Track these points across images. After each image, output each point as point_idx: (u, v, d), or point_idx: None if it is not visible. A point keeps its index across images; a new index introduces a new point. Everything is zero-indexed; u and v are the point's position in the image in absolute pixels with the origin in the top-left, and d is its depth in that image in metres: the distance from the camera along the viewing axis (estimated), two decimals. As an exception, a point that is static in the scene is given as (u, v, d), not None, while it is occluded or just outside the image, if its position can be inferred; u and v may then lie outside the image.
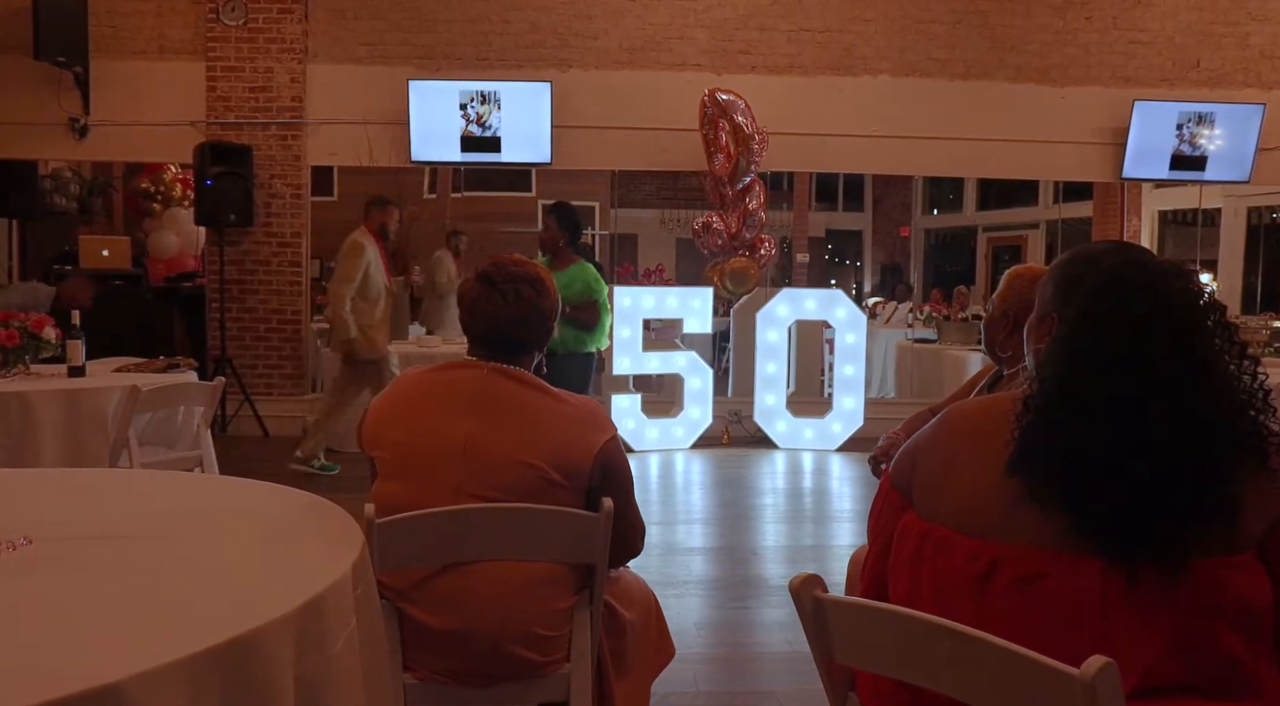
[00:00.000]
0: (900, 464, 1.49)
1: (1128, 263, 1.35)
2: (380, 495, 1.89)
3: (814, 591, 1.34)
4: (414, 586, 1.81)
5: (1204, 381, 1.27)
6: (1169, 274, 1.33)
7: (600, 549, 1.82)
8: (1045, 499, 1.26)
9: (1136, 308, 1.29)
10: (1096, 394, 1.28)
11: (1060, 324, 1.37)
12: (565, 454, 1.87)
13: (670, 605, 3.83)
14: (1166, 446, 1.24)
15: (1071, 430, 1.28)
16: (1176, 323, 1.29)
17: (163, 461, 4.18)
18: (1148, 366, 1.26)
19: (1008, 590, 1.27)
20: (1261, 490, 1.27)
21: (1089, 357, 1.30)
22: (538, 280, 1.99)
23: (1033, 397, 1.33)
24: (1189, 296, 1.32)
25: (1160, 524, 1.22)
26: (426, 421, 1.89)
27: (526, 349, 2.00)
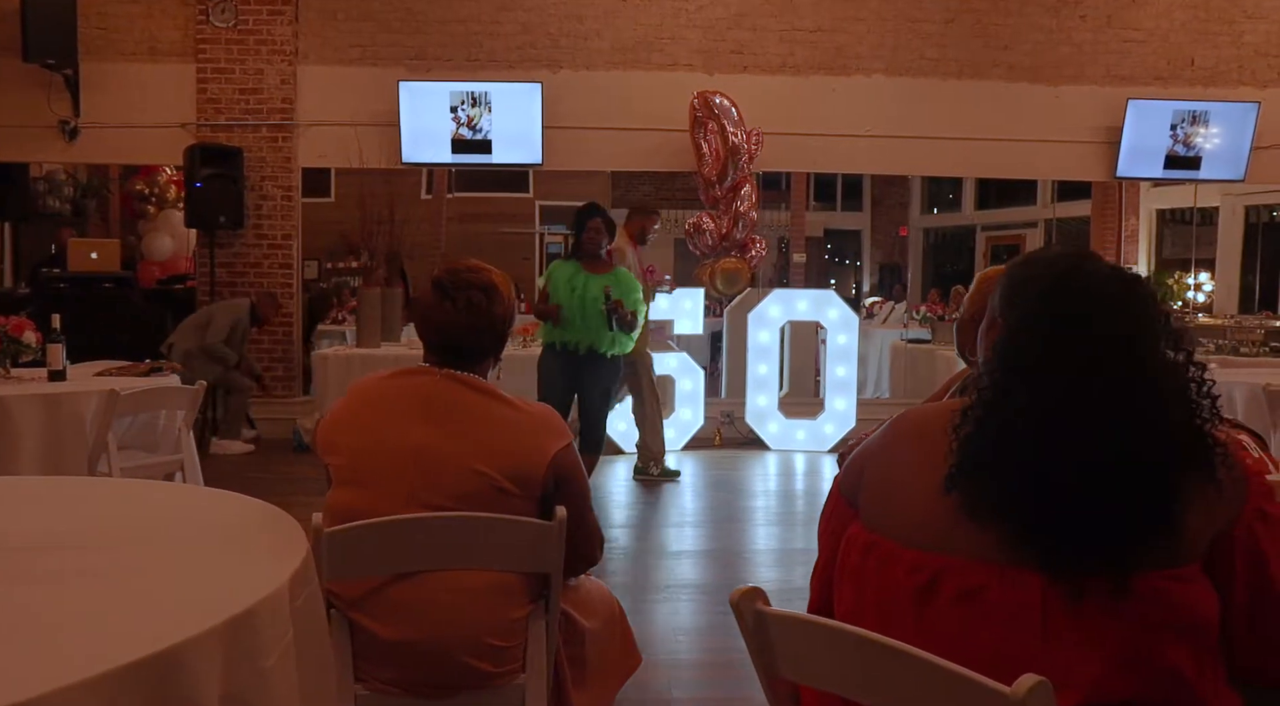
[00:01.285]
0: (849, 471, 1.47)
1: (1072, 267, 1.32)
2: (334, 503, 1.87)
3: (755, 604, 1.31)
4: (365, 596, 1.79)
5: (1148, 391, 1.24)
6: (1114, 279, 1.30)
7: (554, 557, 1.80)
8: (983, 512, 1.24)
9: (1077, 314, 1.26)
10: (1036, 404, 1.25)
11: (1003, 330, 1.34)
12: (517, 462, 1.84)
13: (655, 610, 3.82)
14: (1109, 458, 1.21)
15: (1010, 441, 1.25)
16: (1120, 330, 1.26)
17: (143, 466, 4.16)
18: (1089, 375, 1.23)
19: (949, 604, 1.24)
20: (1208, 502, 1.24)
21: (1029, 366, 1.28)
22: (491, 288, 1.96)
23: (972, 407, 1.30)
24: (1134, 302, 1.29)
25: (1102, 537, 1.19)
26: (379, 428, 1.87)
27: (480, 356, 1.98)
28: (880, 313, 12.62)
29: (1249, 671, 1.30)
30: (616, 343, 5.14)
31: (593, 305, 5.02)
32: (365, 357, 6.89)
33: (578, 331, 5.07)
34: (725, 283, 6.96)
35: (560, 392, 5.19)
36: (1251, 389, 4.58)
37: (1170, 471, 1.22)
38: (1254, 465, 1.33)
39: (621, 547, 4.80)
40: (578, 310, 5.05)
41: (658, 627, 3.64)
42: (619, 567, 4.46)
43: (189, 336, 6.73)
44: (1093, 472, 1.20)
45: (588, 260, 5.20)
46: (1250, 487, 1.28)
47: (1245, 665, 1.30)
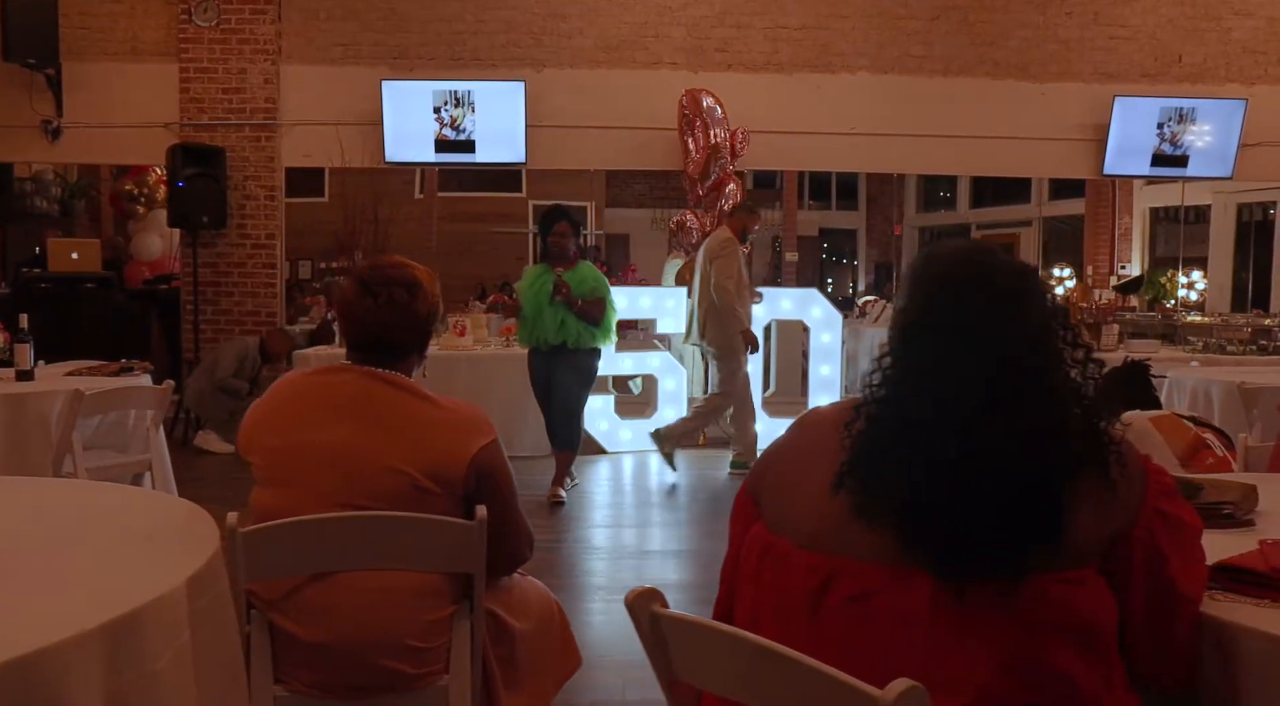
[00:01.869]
0: (755, 470, 1.44)
1: (966, 260, 1.29)
2: (257, 503, 1.85)
3: (651, 606, 1.29)
4: (284, 597, 1.77)
5: (1039, 389, 1.21)
6: (1008, 273, 1.27)
7: (476, 557, 1.77)
8: (871, 513, 1.21)
9: (968, 309, 1.23)
10: (924, 401, 1.22)
11: (897, 325, 1.32)
12: (438, 460, 1.82)
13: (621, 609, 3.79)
14: (996, 458, 1.18)
15: (898, 440, 1.22)
16: (1011, 326, 1.23)
17: (111, 466, 4.14)
18: (979, 372, 1.21)
19: (841, 607, 1.21)
20: (1101, 503, 1.21)
21: (918, 362, 1.25)
22: (414, 284, 1.94)
23: (862, 404, 1.28)
24: (1027, 298, 1.26)
25: (989, 539, 1.16)
26: (299, 427, 1.84)
27: (403, 353, 1.95)
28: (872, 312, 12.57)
29: (1150, 676, 1.28)
30: (580, 334, 5.29)
31: (548, 298, 5.25)
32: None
33: (544, 329, 5.31)
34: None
35: (541, 391, 5.55)
36: (1228, 387, 4.54)
37: (1059, 472, 1.19)
38: (1154, 464, 1.30)
39: (598, 547, 4.78)
40: (541, 307, 5.29)
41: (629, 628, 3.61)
42: (596, 567, 4.44)
43: (200, 379, 6.72)
44: (979, 473, 1.17)
45: (556, 261, 5.38)
46: (1149, 487, 1.25)
47: (1146, 669, 1.27)
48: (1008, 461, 1.17)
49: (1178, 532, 1.25)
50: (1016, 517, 1.16)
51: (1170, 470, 2.84)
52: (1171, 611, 1.24)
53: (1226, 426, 4.33)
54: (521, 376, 6.87)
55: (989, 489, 1.17)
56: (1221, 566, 1.37)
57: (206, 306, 7.54)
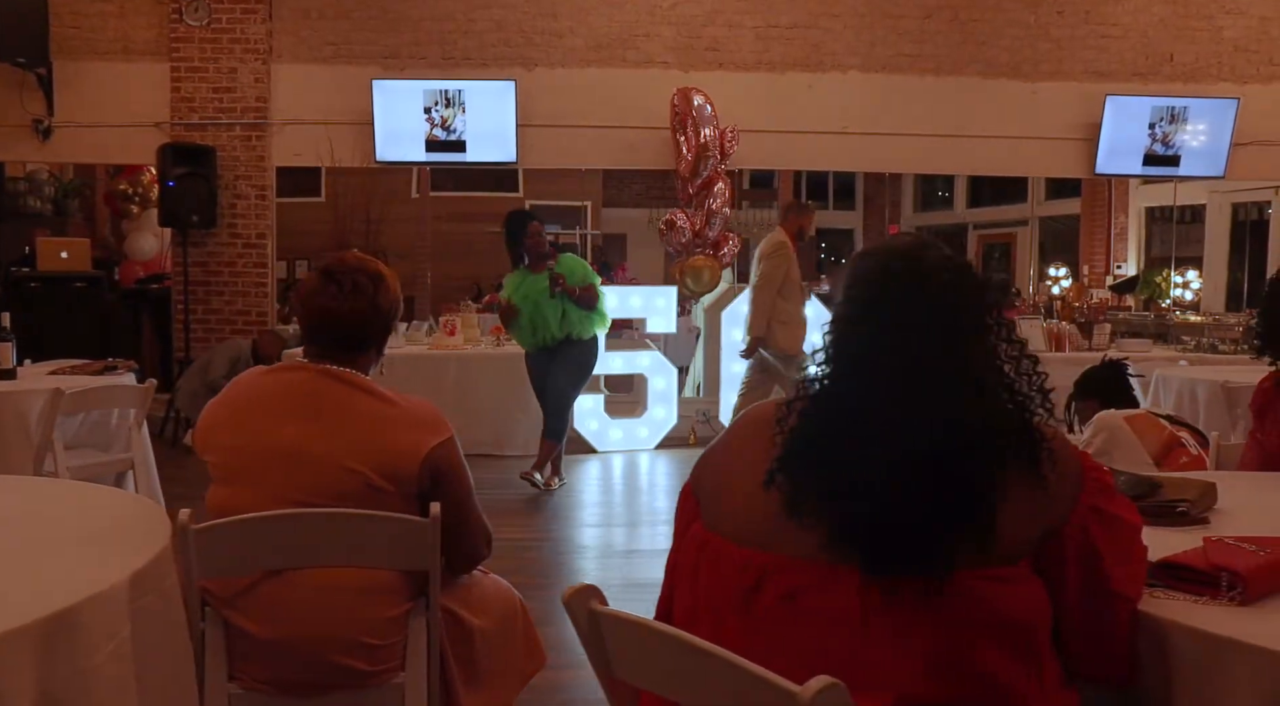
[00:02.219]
0: (696, 466, 1.44)
1: (900, 255, 1.28)
2: (213, 500, 1.85)
3: (589, 603, 1.29)
4: (238, 594, 1.76)
5: (968, 385, 1.21)
6: (941, 269, 1.26)
7: (431, 555, 1.77)
8: (801, 511, 1.21)
9: (899, 304, 1.23)
10: (853, 397, 1.22)
11: (833, 320, 1.31)
12: (390, 459, 1.81)
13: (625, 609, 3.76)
14: (923, 454, 1.17)
15: (827, 436, 1.22)
16: (942, 321, 1.22)
17: (93, 465, 4.14)
18: (909, 367, 1.20)
19: (773, 604, 1.21)
20: (1032, 499, 1.21)
21: (849, 358, 1.24)
22: (378, 276, 1.93)
23: (795, 400, 1.27)
24: (960, 293, 1.25)
25: (916, 536, 1.16)
26: (254, 425, 1.84)
27: (362, 347, 1.94)
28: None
29: (1087, 673, 1.27)
30: (582, 323, 5.41)
31: (543, 296, 5.34)
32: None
33: (547, 327, 5.41)
34: (694, 280, 6.93)
35: (542, 387, 5.66)
36: (1212, 386, 4.54)
37: (987, 468, 1.18)
38: (1091, 460, 1.30)
39: (585, 546, 4.78)
40: (532, 308, 5.38)
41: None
42: (583, 566, 4.44)
43: (192, 379, 6.72)
44: (906, 469, 1.17)
45: (535, 262, 5.46)
46: (1084, 485, 1.25)
47: (1082, 667, 1.27)
48: (934, 457, 1.17)
49: (1114, 530, 1.24)
50: (943, 514, 1.16)
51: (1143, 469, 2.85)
52: (1106, 609, 1.23)
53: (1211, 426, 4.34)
54: (512, 376, 6.88)
55: (915, 485, 1.16)
56: (1163, 564, 1.37)
57: (197, 306, 7.54)
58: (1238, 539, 1.41)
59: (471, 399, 6.85)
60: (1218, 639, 1.19)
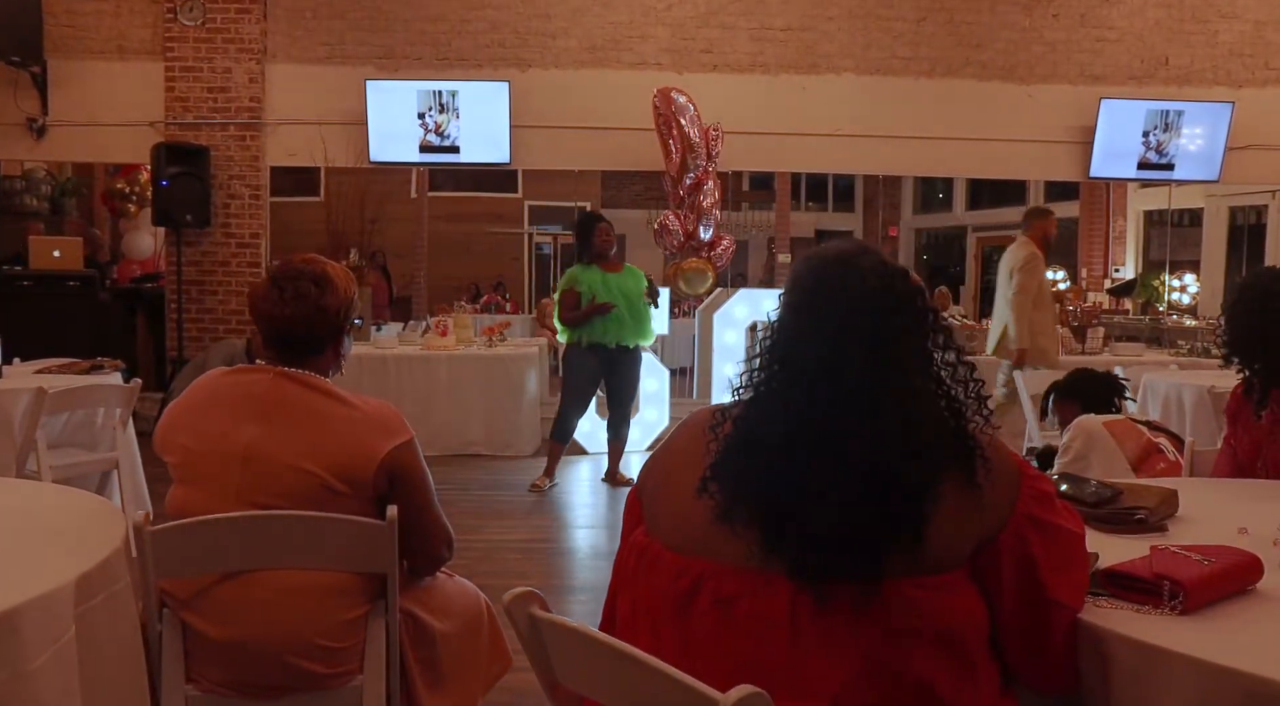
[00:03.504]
0: (643, 470, 1.44)
1: (833, 261, 1.27)
2: (171, 501, 1.85)
3: (529, 608, 1.29)
4: (195, 595, 1.77)
5: (900, 390, 1.20)
6: (875, 273, 1.25)
7: (388, 557, 1.77)
8: (732, 517, 1.20)
9: (831, 308, 1.22)
10: (785, 402, 1.21)
11: (768, 326, 1.31)
12: (347, 461, 1.81)
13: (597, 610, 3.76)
14: (851, 459, 1.17)
15: (757, 442, 1.22)
16: (872, 326, 1.22)
17: (76, 464, 4.15)
18: (839, 373, 1.20)
19: (707, 611, 1.21)
20: (966, 507, 1.20)
21: (782, 363, 1.24)
22: (323, 278, 1.93)
23: (730, 406, 1.27)
24: (893, 298, 1.25)
25: (844, 541, 1.15)
26: (212, 426, 1.84)
27: (314, 349, 1.94)
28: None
29: (1027, 681, 1.27)
30: (642, 333, 5.67)
31: (638, 300, 5.57)
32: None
33: (622, 328, 5.56)
34: (687, 282, 6.92)
35: (591, 388, 5.77)
36: (1198, 391, 4.53)
37: (918, 474, 1.18)
38: (1030, 468, 1.29)
39: (574, 549, 4.78)
40: (627, 305, 5.55)
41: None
42: (570, 567, 4.44)
43: (187, 379, 6.70)
44: (834, 474, 1.17)
45: (603, 261, 5.62)
46: (1021, 492, 1.24)
47: (1022, 675, 1.26)
48: (865, 464, 1.16)
49: (1052, 538, 1.24)
50: (873, 521, 1.15)
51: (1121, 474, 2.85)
52: (1043, 618, 1.23)
53: (1197, 432, 4.33)
54: (505, 377, 6.90)
55: (845, 492, 1.16)
56: (1109, 572, 1.36)
57: (191, 305, 7.54)
58: (1185, 548, 1.40)
59: (464, 400, 6.86)
60: (1154, 648, 1.19)
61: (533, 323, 13.07)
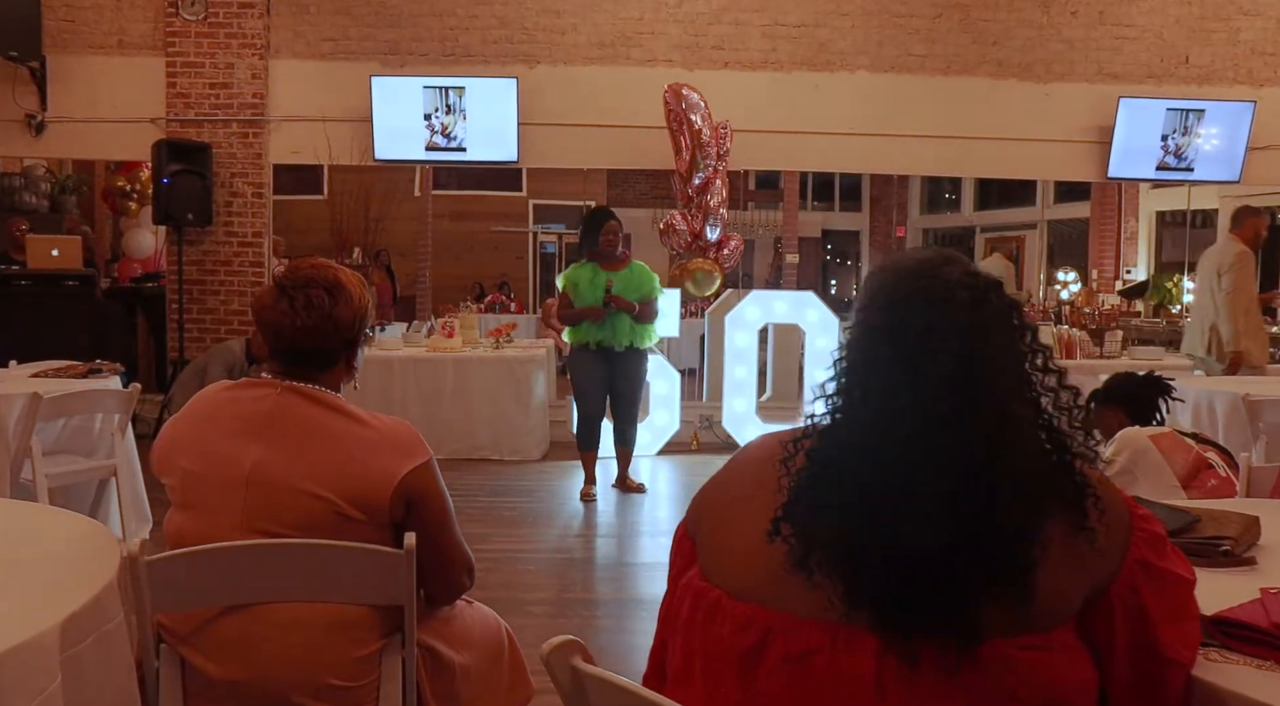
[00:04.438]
0: (695, 504, 1.29)
1: (914, 274, 1.12)
2: (170, 527, 1.70)
3: (571, 660, 1.14)
4: (195, 631, 1.62)
5: (1000, 420, 1.05)
6: (963, 287, 1.10)
7: (405, 588, 1.63)
8: (808, 566, 1.06)
9: (917, 328, 1.08)
10: (868, 434, 1.07)
11: (843, 346, 1.16)
12: (360, 484, 1.66)
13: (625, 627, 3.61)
14: (946, 502, 1.02)
15: (837, 480, 1.07)
16: (962, 346, 1.06)
17: (74, 471, 4.02)
18: (927, 400, 1.05)
19: (778, 667, 1.06)
20: (1076, 555, 1.05)
21: (862, 389, 1.09)
22: (336, 286, 1.78)
23: (802, 436, 1.12)
24: (988, 315, 1.09)
25: (941, 597, 1.01)
26: (213, 446, 1.69)
27: (326, 362, 1.79)
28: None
29: None
30: (645, 334, 5.45)
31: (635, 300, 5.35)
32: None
33: (615, 330, 5.37)
34: (695, 283, 6.77)
35: (599, 390, 5.55)
36: (1232, 398, 4.37)
37: (1023, 519, 1.03)
38: (1139, 507, 1.14)
39: (582, 558, 4.63)
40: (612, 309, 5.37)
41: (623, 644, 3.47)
42: (581, 579, 4.29)
43: (189, 386, 6.55)
44: (926, 519, 1.02)
45: (605, 261, 5.42)
46: (1133, 536, 1.09)
47: None
48: (961, 506, 1.02)
49: (1166, 589, 1.09)
50: (972, 572, 1.01)
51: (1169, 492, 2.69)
52: (1158, 678, 1.09)
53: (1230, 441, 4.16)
54: (512, 379, 6.77)
55: (939, 538, 1.01)
56: (1217, 620, 1.22)
57: (192, 305, 7.40)
58: (1299, 590, 1.26)
59: (470, 402, 6.72)
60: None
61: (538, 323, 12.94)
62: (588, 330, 5.42)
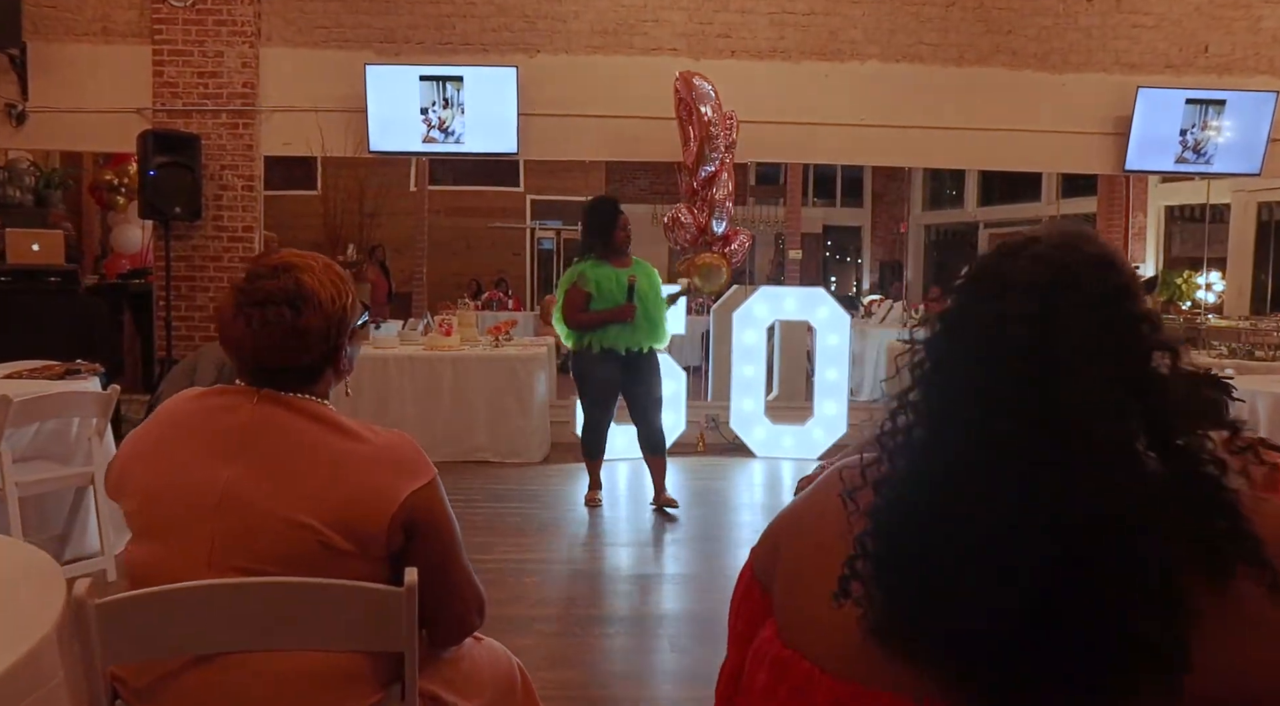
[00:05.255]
0: (764, 544, 1.05)
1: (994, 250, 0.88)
2: (130, 560, 1.46)
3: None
4: (157, 683, 1.38)
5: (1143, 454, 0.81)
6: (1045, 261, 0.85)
7: (406, 632, 1.39)
8: (889, 633, 0.82)
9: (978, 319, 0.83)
10: (963, 468, 0.82)
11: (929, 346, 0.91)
12: (352, 510, 1.41)
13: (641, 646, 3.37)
14: (1076, 560, 0.78)
15: (919, 527, 0.82)
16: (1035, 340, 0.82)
17: (47, 480, 3.77)
18: (1046, 427, 0.80)
19: None
20: (1249, 625, 0.82)
21: (954, 410, 0.85)
22: (299, 296, 1.49)
23: (871, 463, 0.88)
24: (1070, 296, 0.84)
25: (1069, 679, 0.77)
26: (178, 465, 1.44)
27: (305, 378, 1.53)
28: (878, 311, 12.19)
29: None
30: (660, 335, 5.19)
31: (651, 299, 5.08)
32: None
33: (635, 331, 5.07)
34: (702, 279, 6.53)
35: (612, 396, 5.23)
36: (1276, 398, 4.15)
37: (1172, 578, 0.79)
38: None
39: (590, 570, 4.38)
40: (660, 310, 5.12)
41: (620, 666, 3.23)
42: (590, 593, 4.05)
43: (177, 386, 6.30)
44: (1047, 582, 0.78)
45: (616, 258, 5.13)
46: None
47: None
48: (1095, 566, 0.78)
49: None
50: (1108, 647, 0.77)
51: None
52: None
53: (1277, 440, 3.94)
54: (512, 379, 6.52)
55: (1064, 602, 0.77)
56: None
57: (180, 302, 7.14)
58: None
59: (469, 403, 6.49)
60: None
61: (536, 320, 12.69)
62: (610, 333, 5.04)
